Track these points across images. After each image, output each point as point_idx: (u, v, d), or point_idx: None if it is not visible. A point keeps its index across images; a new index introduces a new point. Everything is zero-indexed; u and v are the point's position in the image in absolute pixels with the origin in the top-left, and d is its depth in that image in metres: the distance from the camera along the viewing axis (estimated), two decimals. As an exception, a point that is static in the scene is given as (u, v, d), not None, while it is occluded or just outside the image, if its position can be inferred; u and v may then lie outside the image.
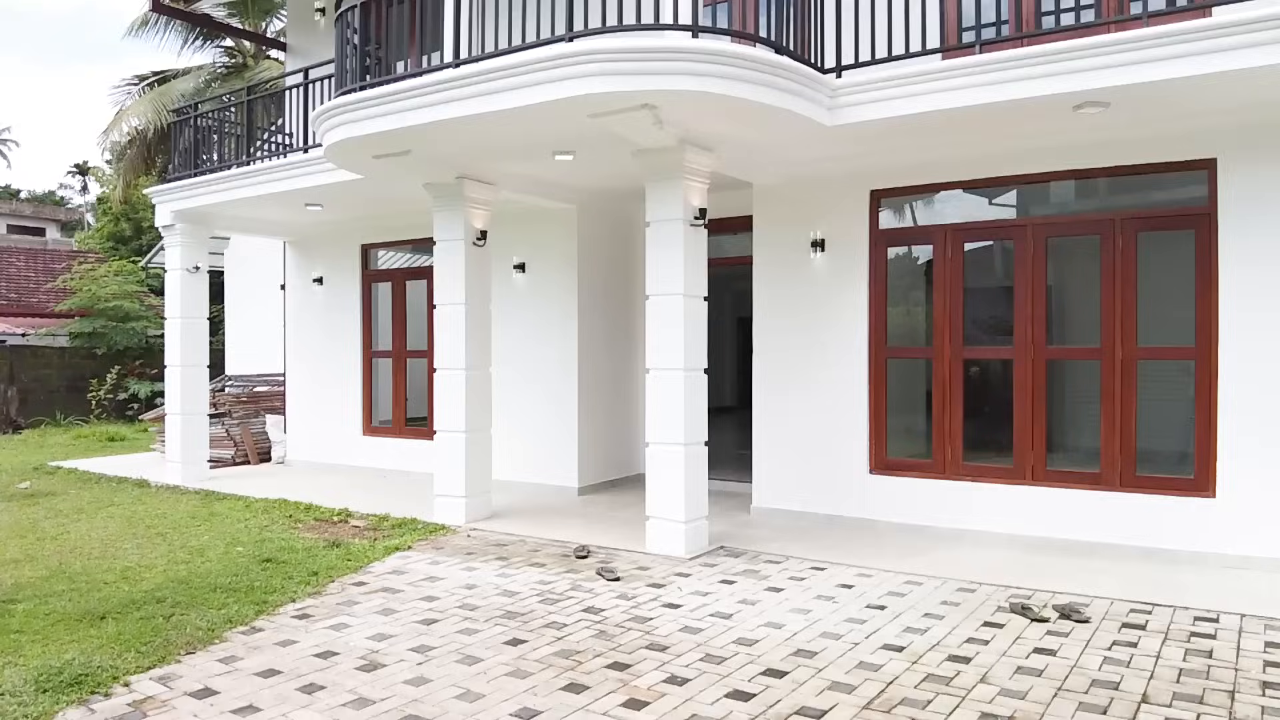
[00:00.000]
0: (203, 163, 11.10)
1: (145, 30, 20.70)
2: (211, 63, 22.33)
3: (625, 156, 7.41)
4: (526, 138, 7.28)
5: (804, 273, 8.44)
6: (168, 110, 19.56)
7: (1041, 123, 6.78)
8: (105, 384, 19.94)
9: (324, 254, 12.38)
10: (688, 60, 6.01)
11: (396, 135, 7.15)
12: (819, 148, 7.54)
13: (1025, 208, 7.84)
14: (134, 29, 20.80)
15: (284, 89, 10.58)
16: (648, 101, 6.21)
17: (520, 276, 10.35)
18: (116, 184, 24.21)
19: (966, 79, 6.30)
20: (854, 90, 6.72)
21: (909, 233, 8.23)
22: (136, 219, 30.17)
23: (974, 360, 7.94)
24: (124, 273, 21.99)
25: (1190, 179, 7.03)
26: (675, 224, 7.14)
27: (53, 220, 44.71)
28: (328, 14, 12.12)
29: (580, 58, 6.04)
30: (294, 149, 10.17)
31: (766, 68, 6.24)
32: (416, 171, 8.28)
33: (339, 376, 12.18)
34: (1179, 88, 5.92)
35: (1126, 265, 7.18)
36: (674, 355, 7.09)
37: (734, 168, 7.99)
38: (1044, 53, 6.03)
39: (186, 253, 11.39)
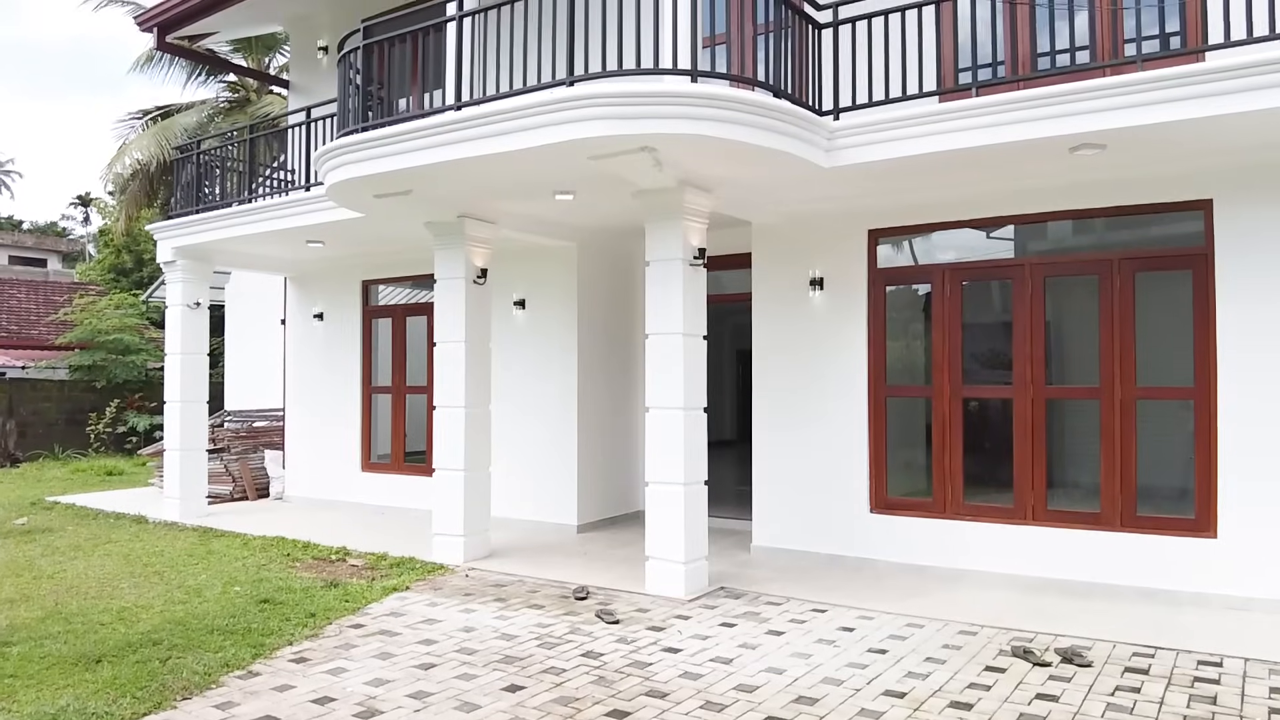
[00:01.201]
0: (204, 199, 11.16)
1: (150, 66, 20.90)
2: (215, 97, 22.53)
3: (625, 196, 7.46)
4: (527, 178, 7.33)
5: (803, 310, 8.47)
6: (170, 145, 19.74)
7: (1039, 164, 6.84)
8: (104, 417, 19.91)
9: (325, 290, 12.42)
10: (687, 104, 6.07)
11: (398, 175, 7.20)
12: (817, 188, 7.60)
13: (1023, 247, 7.88)
14: (139, 65, 21.02)
15: (286, 127, 10.66)
16: (647, 144, 6.26)
17: (520, 313, 10.38)
18: (119, 216, 24.31)
19: (964, 121, 6.36)
20: (852, 132, 6.79)
21: (907, 272, 8.27)
22: (138, 251, 30.30)
23: (973, 398, 7.94)
24: (125, 305, 22.04)
25: (1187, 219, 7.08)
26: (675, 264, 7.18)
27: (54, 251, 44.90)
28: (330, 52, 12.25)
29: (581, 101, 6.10)
30: (296, 186, 10.24)
31: (764, 111, 6.30)
32: (418, 210, 8.33)
33: (338, 412, 12.17)
34: (1174, 130, 5.97)
35: (1124, 305, 7.21)
36: (674, 394, 7.10)
37: (733, 207, 8.04)
38: (1040, 96, 6.09)
39: (187, 288, 11.42)
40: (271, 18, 13.27)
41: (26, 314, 24.44)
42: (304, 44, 12.91)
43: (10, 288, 25.64)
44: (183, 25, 12.44)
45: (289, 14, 12.73)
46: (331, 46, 12.16)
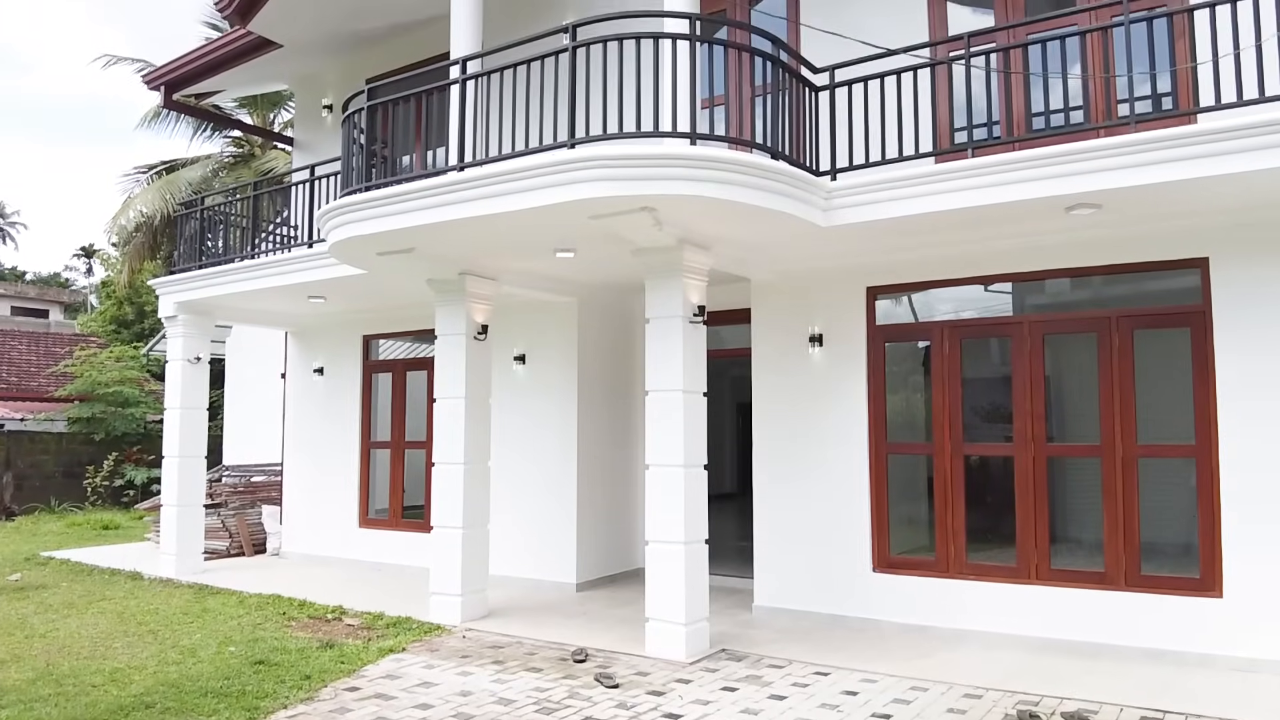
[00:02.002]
0: (207, 254, 11.24)
1: (157, 122, 21.18)
2: (220, 152, 22.80)
3: (625, 254, 7.51)
4: (529, 237, 7.39)
5: (803, 367, 8.48)
6: (174, 199, 19.92)
7: (1035, 223, 6.90)
8: (102, 471, 19.82)
9: (325, 344, 12.45)
10: (686, 166, 6.15)
11: (401, 234, 7.27)
12: (815, 246, 7.66)
13: (1021, 305, 7.92)
14: (147, 120, 21.30)
15: (290, 184, 10.78)
16: (647, 204, 6.33)
17: (521, 368, 10.39)
18: (122, 269, 24.45)
19: (960, 182, 6.44)
20: (849, 193, 6.86)
21: (906, 329, 8.29)
22: (140, 303, 30.43)
23: (975, 455, 7.91)
24: (125, 358, 22.08)
25: (1184, 277, 7.12)
26: (674, 321, 7.20)
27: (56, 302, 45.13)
28: (335, 110, 12.44)
29: (582, 163, 6.18)
30: (299, 243, 10.32)
31: (762, 172, 6.38)
32: (420, 267, 8.38)
33: (336, 467, 12.12)
34: (1168, 190, 6.05)
35: (1124, 362, 7.22)
36: (674, 452, 7.07)
37: (732, 264, 8.09)
38: (1036, 157, 6.18)
39: (188, 343, 11.45)
40: (277, 77, 13.49)
41: (27, 366, 24.47)
42: (309, 102, 13.11)
43: (11, 339, 25.71)
44: (189, 84, 12.66)
45: (294, 73, 12.95)
46: (336, 105, 12.38)
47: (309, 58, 12.23)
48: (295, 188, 10.62)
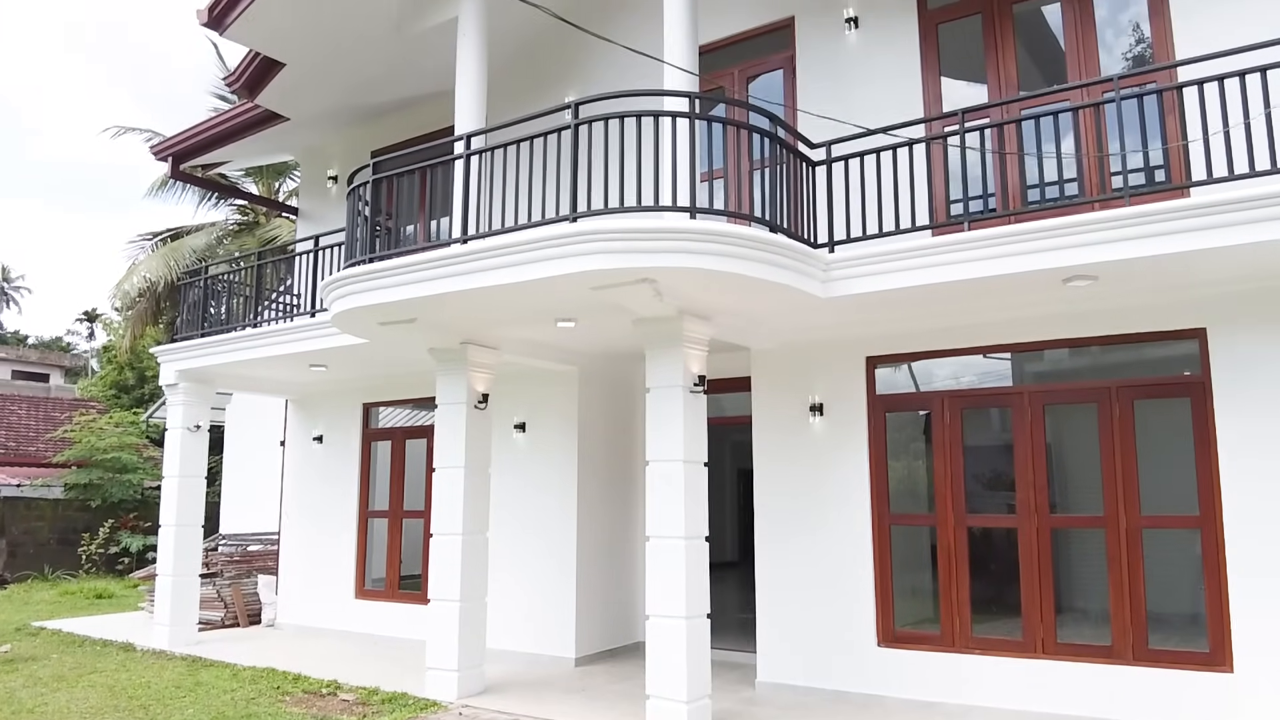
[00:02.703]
0: (210, 322, 11.30)
1: (164, 191, 21.49)
2: (224, 220, 23.07)
3: (626, 324, 7.55)
4: (531, 307, 7.44)
5: (804, 437, 8.46)
6: (179, 266, 20.11)
7: (1032, 294, 6.96)
8: (97, 538, 19.63)
9: (325, 412, 12.44)
10: (686, 240, 6.22)
11: (404, 305, 7.32)
12: (814, 317, 7.71)
13: (1021, 373, 7.94)
14: (153, 190, 21.62)
15: (294, 254, 10.89)
16: (648, 277, 6.38)
17: (520, 436, 10.36)
18: (124, 334, 24.57)
19: (956, 255, 6.50)
20: (847, 265, 6.93)
21: (906, 399, 8.30)
22: (141, 368, 30.48)
23: (978, 526, 7.85)
24: (124, 423, 22.04)
25: (1182, 347, 7.15)
26: (675, 390, 7.20)
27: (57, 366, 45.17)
28: (340, 182, 12.64)
29: (584, 237, 6.26)
30: (301, 312, 10.38)
31: (761, 245, 6.45)
32: (421, 336, 8.42)
33: (333, 537, 12.01)
34: (1164, 263, 6.11)
35: (1125, 433, 7.21)
36: (675, 524, 7.01)
37: (732, 334, 8.13)
38: (1032, 230, 6.25)
39: (189, 411, 11.44)
40: (283, 149, 13.73)
41: (26, 430, 24.40)
42: (314, 173, 13.31)
43: (11, 403, 25.68)
44: (196, 155, 12.87)
45: (300, 145, 13.18)
46: (341, 176, 12.57)
47: (315, 130, 12.46)
48: (299, 257, 10.72)
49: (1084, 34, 7.85)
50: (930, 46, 8.42)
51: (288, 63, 10.40)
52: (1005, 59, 8.14)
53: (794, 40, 9.13)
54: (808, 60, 9.00)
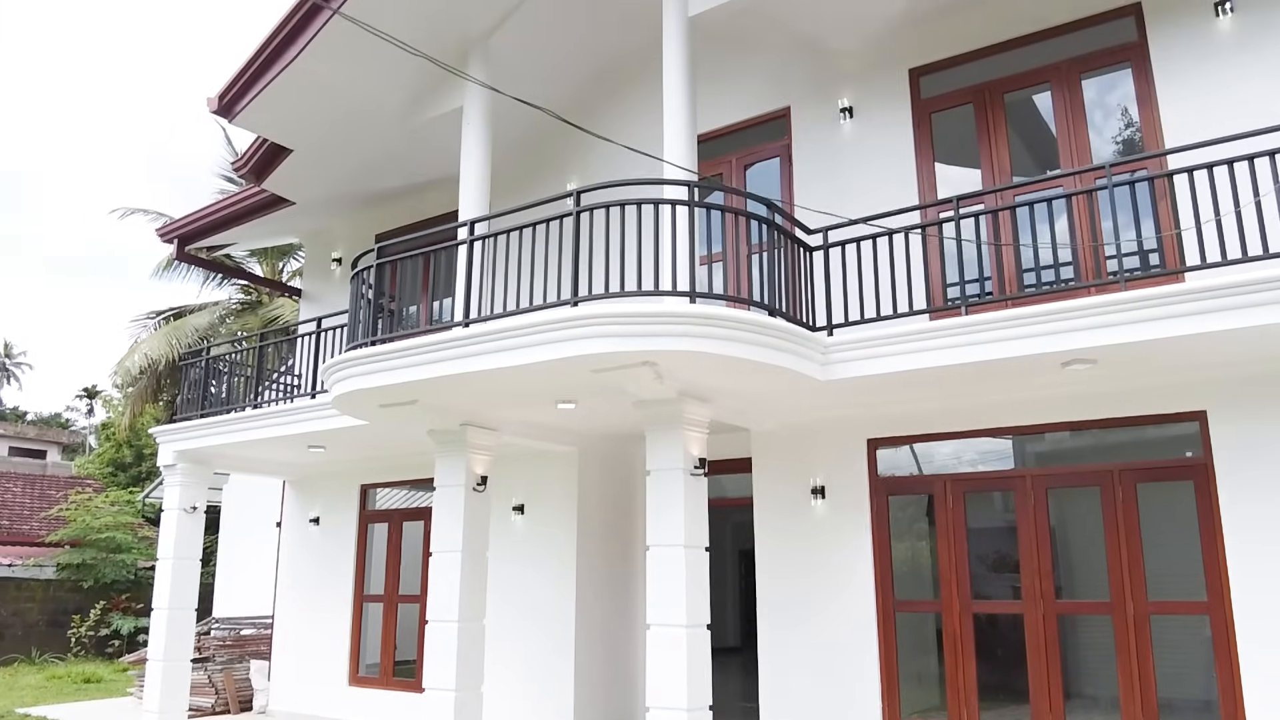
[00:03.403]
0: (210, 401, 11.29)
1: (169, 271, 21.74)
2: (228, 298, 23.27)
3: (626, 405, 7.54)
4: (532, 389, 7.46)
5: (806, 521, 8.38)
6: (181, 344, 20.21)
7: (1032, 377, 6.97)
8: (87, 620, 19.30)
9: (323, 493, 12.35)
10: (686, 324, 6.27)
11: (405, 388, 7.32)
12: (814, 399, 7.72)
13: (1022, 456, 7.91)
14: (159, 270, 21.87)
15: (296, 336, 10.96)
16: (649, 360, 6.42)
17: (519, 519, 10.27)
18: (124, 411, 24.57)
19: (954, 339, 6.54)
20: (845, 348, 6.96)
21: (908, 482, 8.25)
22: (139, 446, 30.41)
23: (984, 613, 7.72)
24: (120, 502, 21.87)
25: (1184, 430, 7.14)
26: (675, 473, 7.16)
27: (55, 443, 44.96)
28: (344, 263, 12.78)
29: (586, 320, 6.31)
30: (301, 393, 10.39)
31: (760, 329, 6.50)
32: (421, 418, 8.41)
33: (328, 621, 11.81)
34: (1161, 346, 6.14)
35: (1129, 517, 7.15)
36: (676, 611, 6.89)
37: (732, 416, 8.13)
38: (1029, 314, 6.29)
39: (185, 493, 11.36)
40: (288, 231, 13.92)
41: (20, 508, 24.19)
42: (318, 255, 13.47)
43: (6, 481, 25.51)
44: (202, 238, 13.05)
45: (305, 228, 13.38)
46: (345, 259, 12.72)
47: (320, 214, 12.65)
48: (301, 340, 10.78)
49: (1074, 120, 8.04)
50: (924, 134, 8.62)
51: (295, 149, 10.61)
52: (998, 145, 8.32)
53: (790, 129, 9.35)
54: (804, 148, 9.20)
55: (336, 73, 9.38)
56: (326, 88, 9.65)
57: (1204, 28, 7.50)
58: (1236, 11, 7.38)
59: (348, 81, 9.55)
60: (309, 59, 9.09)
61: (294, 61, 9.09)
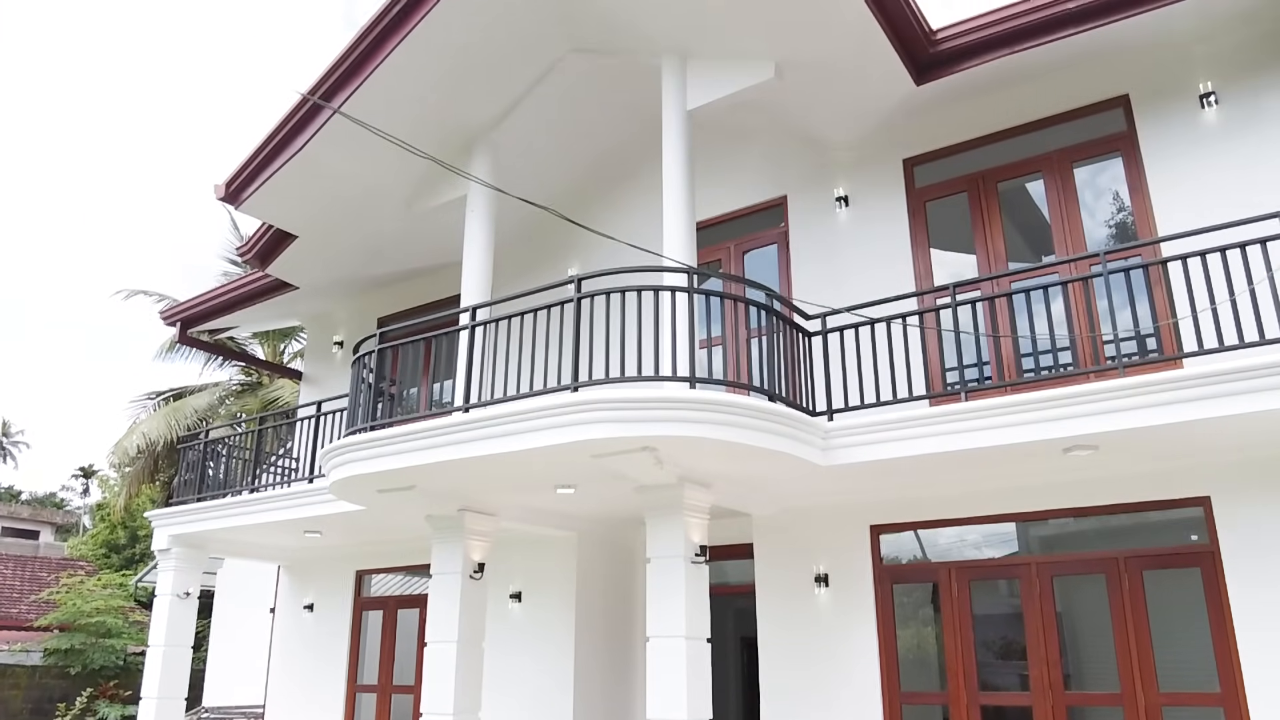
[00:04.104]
0: (208, 484, 11.21)
1: (171, 353, 21.85)
2: (228, 379, 23.31)
3: (626, 490, 7.49)
4: (531, 474, 7.41)
5: (809, 608, 8.23)
6: (180, 425, 20.18)
7: (1034, 463, 6.94)
8: (73, 709, 18.78)
9: (317, 579, 12.16)
10: (686, 409, 6.29)
11: (403, 473, 7.29)
12: (815, 484, 7.67)
13: (1026, 541, 7.82)
14: (161, 352, 21.98)
15: (296, 420, 10.94)
16: (649, 445, 6.40)
17: (516, 606, 10.08)
18: (120, 492, 24.41)
19: (955, 425, 6.54)
20: (846, 433, 6.95)
21: (913, 570, 8.14)
22: (134, 527, 30.11)
23: (992, 705, 7.53)
24: (112, 585, 21.53)
25: (1190, 513, 7.07)
26: (676, 561, 7.06)
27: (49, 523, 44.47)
28: (345, 346, 12.84)
29: (586, 406, 6.32)
30: (299, 477, 10.33)
31: (760, 414, 6.49)
32: (418, 504, 8.33)
33: (321, 712, 11.48)
34: (1162, 432, 6.13)
35: (1136, 605, 7.03)
36: (677, 707, 6.70)
37: (733, 501, 8.06)
38: (1029, 401, 6.30)
39: (179, 578, 11.20)
40: (290, 315, 14.01)
41: (10, 591, 23.81)
42: (320, 337, 13.54)
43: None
44: (204, 321, 13.13)
45: (307, 312, 13.47)
46: (347, 343, 12.79)
47: (322, 298, 12.76)
48: (301, 424, 10.76)
49: (1067, 207, 8.17)
50: (919, 222, 8.75)
51: (299, 235, 10.76)
52: (992, 232, 8.44)
53: (787, 216, 9.51)
54: (801, 234, 9.34)
55: (342, 162, 9.56)
56: (332, 176, 9.82)
57: (1190, 118, 7.69)
58: (1221, 103, 7.57)
59: (353, 170, 9.74)
60: (315, 149, 9.27)
61: (300, 151, 9.27)
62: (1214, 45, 7.66)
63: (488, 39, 8.90)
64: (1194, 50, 7.74)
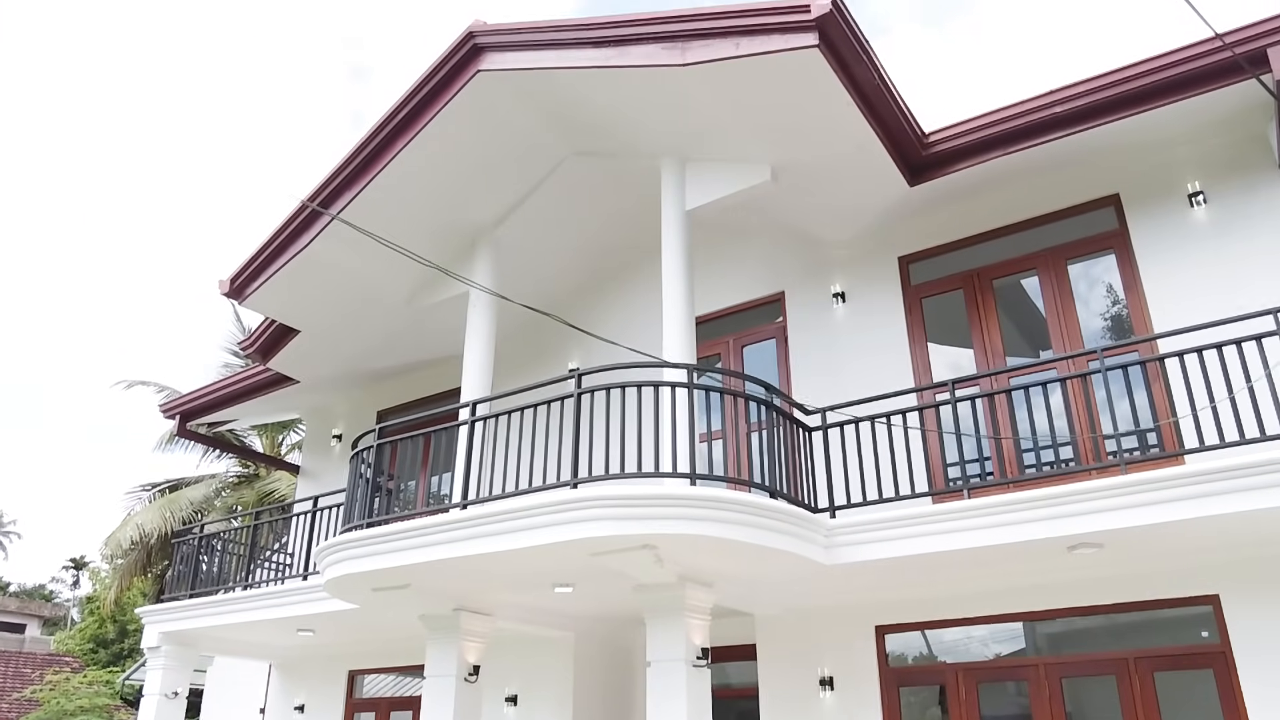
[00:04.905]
0: (202, 579, 11.02)
1: (170, 445, 21.74)
2: (225, 470, 23.13)
3: (625, 589, 7.37)
4: (529, 573, 7.31)
5: (814, 714, 7.99)
6: (175, 517, 19.92)
7: (1039, 561, 6.84)
8: (54, 812, 18.12)
9: (309, 679, 11.86)
10: (686, 506, 6.23)
11: (400, 571, 7.19)
12: (819, 583, 7.54)
13: (1034, 639, 7.66)
14: (161, 444, 21.88)
15: (292, 515, 10.83)
16: (649, 543, 6.32)
17: (512, 711, 9.78)
18: (111, 585, 23.96)
19: (959, 522, 6.47)
20: (849, 531, 6.88)
21: (920, 672, 7.94)
22: (124, 621, 29.48)
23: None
24: (98, 682, 20.95)
25: (1200, 611, 6.93)
26: (677, 665, 6.89)
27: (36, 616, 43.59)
28: (344, 439, 12.79)
29: (585, 503, 6.27)
30: (294, 574, 10.17)
31: (761, 511, 6.43)
32: (413, 603, 8.19)
33: (309, 818, 11.09)
34: (1167, 530, 6.07)
35: (1148, 707, 6.84)
36: (677, 823, 6.48)
37: (735, 600, 7.92)
38: (1033, 498, 6.25)
39: (168, 676, 10.93)
40: (290, 408, 14.01)
41: (-8, 689, 23.18)
42: (319, 430, 13.51)
43: (-19, 660, 24.57)
44: (204, 415, 13.13)
45: (307, 405, 13.47)
46: (346, 436, 12.75)
47: (322, 391, 12.77)
48: (296, 519, 10.64)
49: (1063, 303, 8.25)
50: (915, 318, 8.83)
51: (302, 330, 10.82)
52: (989, 328, 8.49)
53: (785, 311, 9.59)
54: (799, 330, 9.41)
55: (346, 259, 9.68)
56: (335, 273, 9.94)
57: (1180, 217, 7.83)
58: (1210, 202, 7.72)
59: (357, 267, 9.85)
60: (319, 247, 9.41)
61: (304, 250, 9.40)
62: (1200, 147, 7.85)
63: (491, 144, 9.14)
64: (1180, 152, 7.92)
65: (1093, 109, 7.54)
